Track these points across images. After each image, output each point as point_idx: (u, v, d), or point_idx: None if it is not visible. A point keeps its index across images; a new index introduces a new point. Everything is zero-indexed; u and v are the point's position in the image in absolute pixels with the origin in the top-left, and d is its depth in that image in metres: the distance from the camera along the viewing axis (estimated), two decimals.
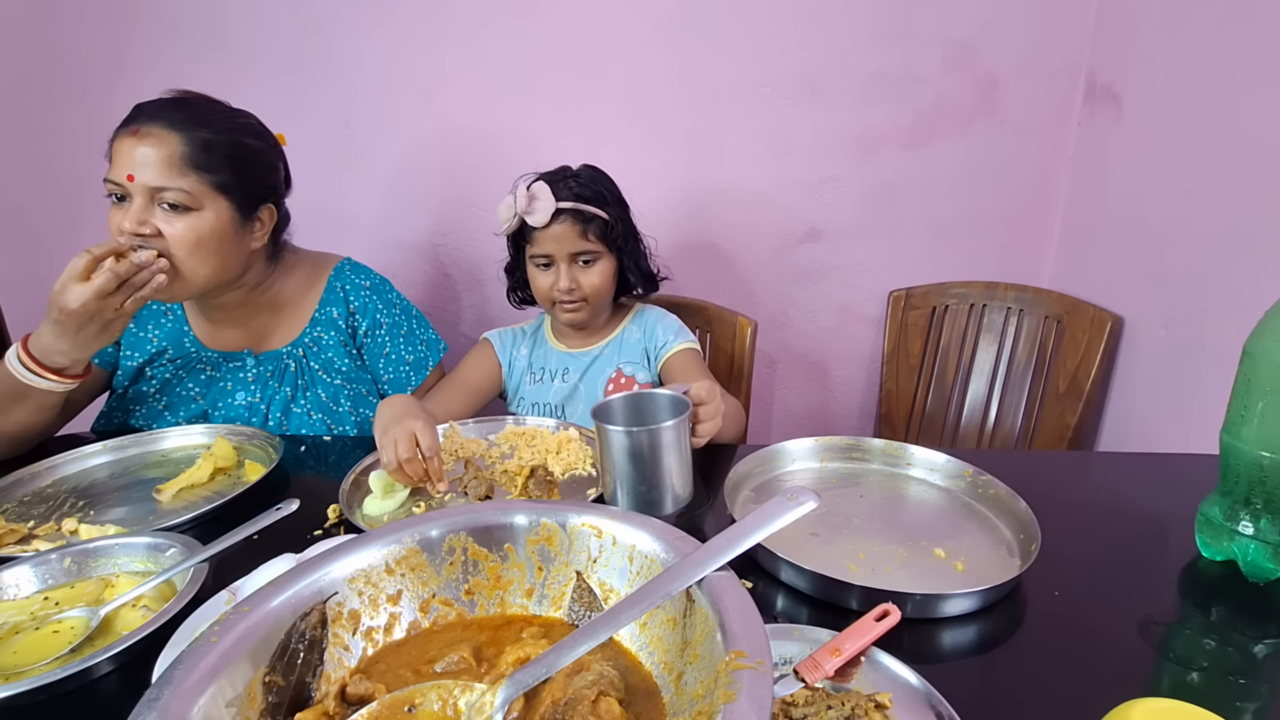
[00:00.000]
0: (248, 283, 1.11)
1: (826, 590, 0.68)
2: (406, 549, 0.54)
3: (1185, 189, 1.32)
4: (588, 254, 1.16)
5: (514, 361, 1.29)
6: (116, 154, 0.98)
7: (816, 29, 1.55)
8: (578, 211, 1.13)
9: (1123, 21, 1.49)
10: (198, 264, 1.01)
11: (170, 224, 0.98)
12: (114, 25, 1.53)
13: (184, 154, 0.98)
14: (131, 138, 0.97)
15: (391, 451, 0.86)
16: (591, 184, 1.16)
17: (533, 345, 1.30)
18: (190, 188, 0.98)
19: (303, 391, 1.15)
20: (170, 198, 0.97)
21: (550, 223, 1.12)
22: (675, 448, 0.76)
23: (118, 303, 0.92)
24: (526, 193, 1.11)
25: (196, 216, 1.00)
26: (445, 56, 1.57)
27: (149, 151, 0.96)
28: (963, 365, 1.73)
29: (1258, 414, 0.68)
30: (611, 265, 1.19)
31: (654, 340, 1.26)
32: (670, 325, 1.27)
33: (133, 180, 0.96)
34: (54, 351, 0.94)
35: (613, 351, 1.26)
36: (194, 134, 0.99)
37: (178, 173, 0.97)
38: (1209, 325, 1.28)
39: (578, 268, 1.16)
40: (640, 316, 1.30)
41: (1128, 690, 0.50)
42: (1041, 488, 0.84)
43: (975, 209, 1.69)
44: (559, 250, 1.14)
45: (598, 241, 1.15)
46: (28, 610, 0.67)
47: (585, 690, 0.44)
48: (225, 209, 1.02)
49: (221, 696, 0.41)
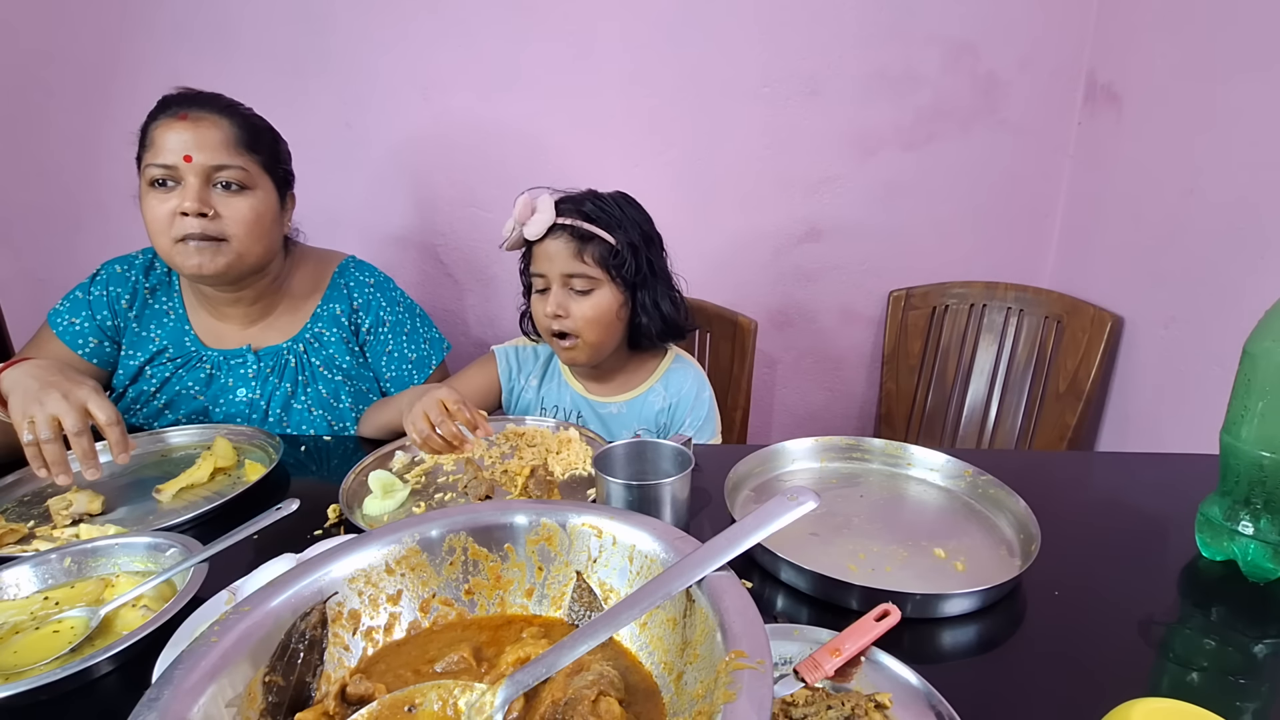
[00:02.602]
0: (271, 271, 1.13)
1: (826, 590, 0.68)
2: (406, 549, 0.54)
3: (1185, 189, 1.32)
4: (582, 279, 1.04)
5: (519, 391, 1.20)
6: (162, 139, 0.99)
7: (816, 29, 1.55)
8: (575, 228, 1.03)
9: (1123, 21, 1.49)
10: (254, 242, 1.04)
11: (228, 204, 1.02)
12: (114, 25, 1.53)
13: (237, 136, 1.02)
14: (181, 122, 0.99)
15: (423, 422, 0.87)
16: (607, 206, 1.06)
17: (544, 376, 1.20)
18: (247, 166, 1.02)
19: (303, 387, 1.15)
20: (230, 176, 1.01)
21: (545, 236, 1.04)
22: (675, 502, 0.77)
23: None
24: (529, 203, 1.04)
25: (252, 195, 1.04)
26: (445, 56, 1.57)
27: (206, 134, 0.99)
28: (963, 365, 1.73)
29: (1258, 414, 0.68)
30: (614, 299, 1.06)
31: (675, 418, 1.15)
32: (701, 412, 1.14)
33: (190, 161, 0.98)
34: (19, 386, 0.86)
35: (633, 413, 1.15)
36: (239, 118, 1.04)
37: (234, 153, 1.01)
38: (1209, 325, 1.28)
39: (571, 294, 1.05)
40: (671, 378, 1.17)
41: (1128, 690, 0.50)
42: (1041, 488, 0.84)
43: (975, 209, 1.70)
44: (551, 269, 1.05)
45: (595, 266, 1.04)
46: (28, 610, 0.67)
47: (585, 690, 0.44)
48: (272, 189, 1.07)
49: (221, 696, 0.41)
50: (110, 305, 1.11)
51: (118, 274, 1.13)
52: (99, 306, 1.11)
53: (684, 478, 0.77)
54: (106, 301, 1.11)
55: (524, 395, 1.21)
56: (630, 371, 1.18)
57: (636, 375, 1.18)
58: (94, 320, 1.10)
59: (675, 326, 1.13)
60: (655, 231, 1.12)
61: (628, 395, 1.16)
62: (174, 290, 1.15)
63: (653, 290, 1.10)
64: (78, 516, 0.86)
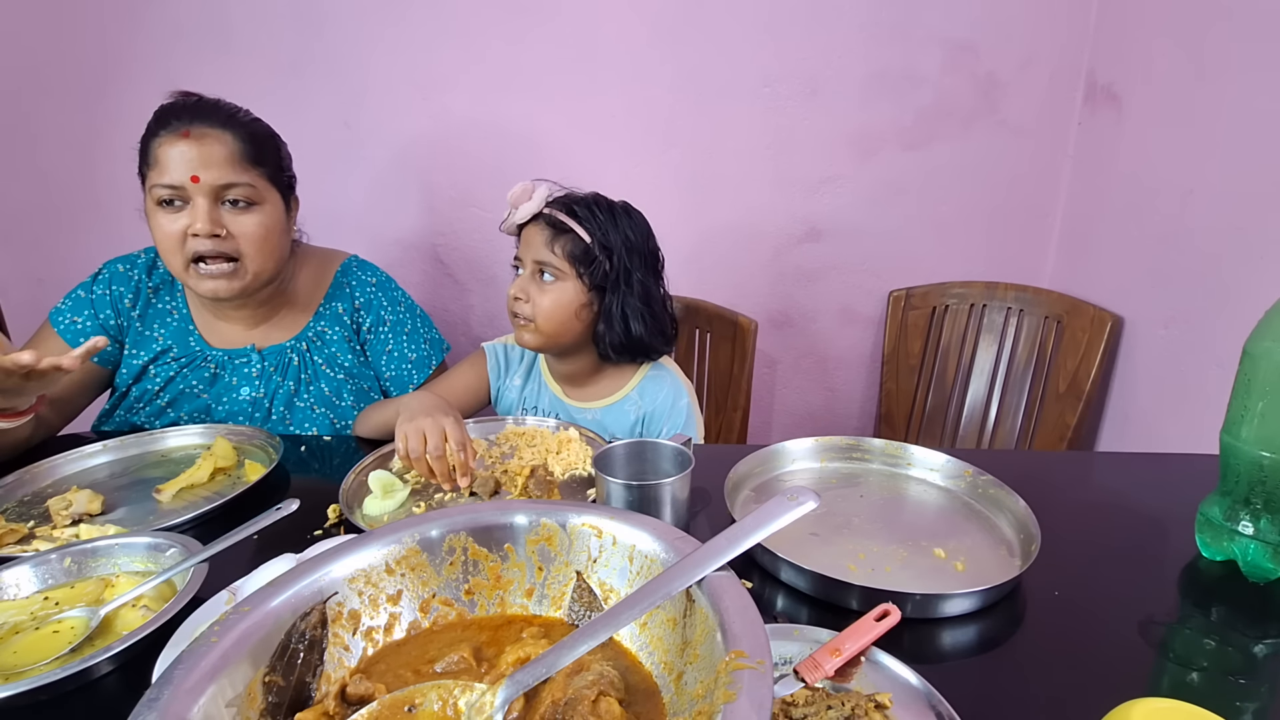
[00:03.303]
0: (278, 276, 1.12)
1: (826, 590, 0.68)
2: (406, 549, 0.54)
3: (1185, 189, 1.32)
4: (548, 269, 1.04)
5: (504, 390, 1.21)
6: (165, 158, 0.97)
7: (816, 29, 1.55)
8: (552, 218, 1.04)
9: (1123, 21, 1.49)
10: (266, 259, 1.04)
11: (238, 222, 1.00)
12: (113, 25, 1.53)
13: (241, 150, 1.00)
14: (184, 140, 0.97)
15: (418, 442, 0.86)
16: (595, 208, 1.06)
17: (526, 377, 1.21)
18: (254, 182, 1.01)
19: (305, 386, 1.15)
20: (238, 194, 0.99)
21: (530, 221, 1.06)
22: (675, 502, 0.77)
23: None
24: (526, 189, 1.06)
25: (261, 211, 1.02)
26: (445, 56, 1.57)
27: (212, 151, 0.97)
28: (963, 365, 1.73)
29: (1258, 414, 0.68)
30: (575, 296, 1.05)
31: (650, 430, 1.13)
32: (677, 421, 1.12)
33: (198, 181, 0.96)
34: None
35: (609, 421, 1.15)
36: (242, 130, 1.01)
37: (241, 169, 0.99)
38: (1209, 325, 1.28)
39: (536, 281, 1.06)
40: (646, 387, 1.15)
41: (1128, 690, 0.50)
42: (1041, 488, 0.84)
43: (975, 209, 1.69)
44: (527, 255, 1.06)
45: (564, 259, 1.04)
46: (28, 610, 0.67)
47: (585, 690, 0.44)
48: (278, 200, 1.06)
49: (221, 696, 0.41)
50: (113, 304, 1.11)
51: (120, 273, 1.13)
52: (102, 305, 1.11)
53: (684, 478, 0.77)
54: (109, 300, 1.11)
55: (507, 394, 1.21)
56: (608, 378, 1.16)
57: (614, 382, 1.16)
58: (96, 319, 1.10)
59: (638, 345, 1.10)
60: (649, 248, 1.10)
61: (604, 402, 1.15)
62: (177, 290, 1.15)
63: (622, 302, 1.07)
64: (78, 516, 0.86)
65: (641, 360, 1.15)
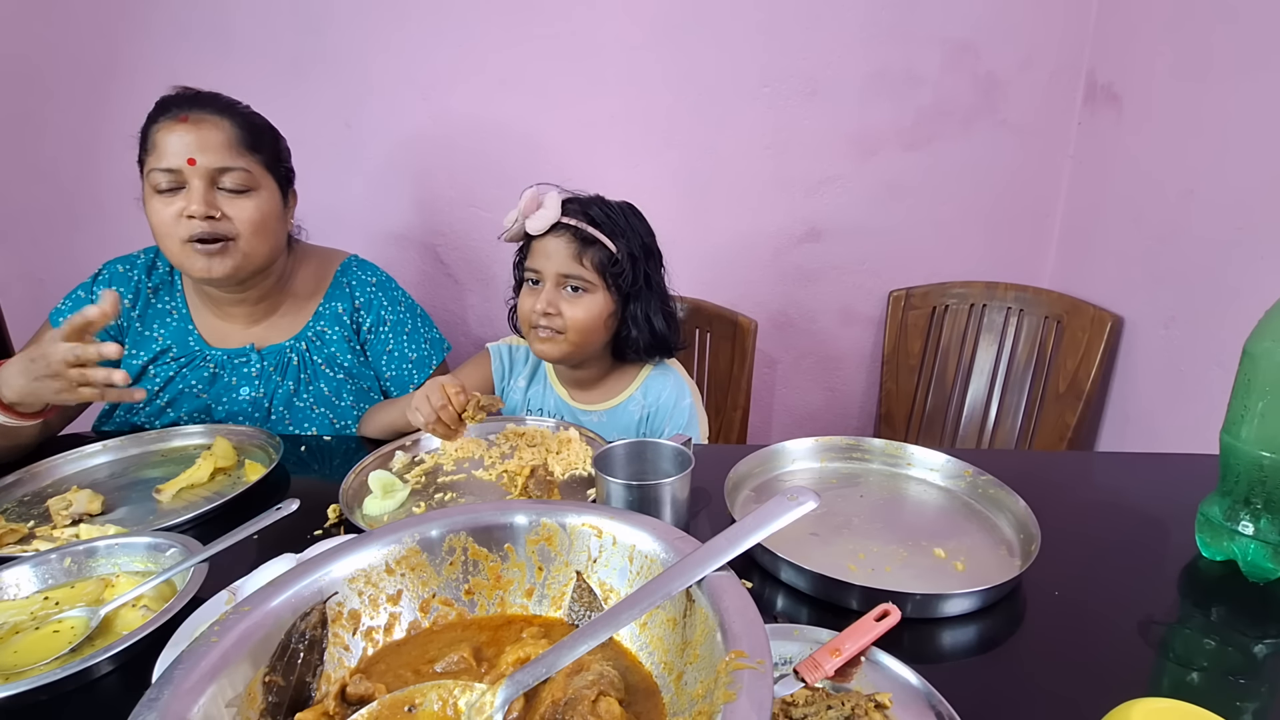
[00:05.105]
0: (275, 270, 1.13)
1: (826, 590, 0.68)
2: (406, 549, 0.54)
3: (1185, 189, 1.32)
4: (578, 281, 1.03)
5: (508, 391, 1.21)
6: (164, 142, 0.98)
7: (816, 29, 1.55)
8: (578, 230, 1.02)
9: (1123, 21, 1.49)
10: (260, 243, 1.04)
11: (234, 206, 1.01)
12: (114, 24, 1.53)
13: (239, 136, 1.02)
14: (182, 124, 0.98)
15: (426, 406, 0.90)
16: (612, 214, 1.05)
17: (531, 379, 1.20)
18: (250, 167, 1.02)
19: (305, 385, 1.15)
20: (234, 179, 1.01)
21: (547, 233, 1.03)
22: (675, 502, 0.77)
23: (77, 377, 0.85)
24: (535, 197, 1.03)
25: (257, 196, 1.03)
26: (446, 57, 1.57)
27: (208, 135, 0.99)
28: (963, 365, 1.73)
29: (1258, 414, 0.68)
30: (605, 305, 1.05)
31: (654, 428, 1.14)
32: (680, 420, 1.12)
33: (194, 164, 0.98)
34: (7, 385, 0.88)
35: (614, 422, 1.14)
36: (240, 118, 1.03)
37: (237, 154, 1.01)
38: (1209, 325, 1.28)
39: (565, 294, 1.04)
40: (650, 386, 1.15)
41: (1128, 690, 0.50)
42: (1041, 488, 0.84)
43: (975, 209, 1.69)
44: (548, 267, 1.04)
45: (593, 271, 1.03)
46: (28, 610, 0.67)
47: (585, 690, 0.44)
48: (274, 188, 1.07)
49: (221, 696, 0.41)
50: None
51: (120, 273, 1.13)
52: None
53: (684, 478, 0.77)
54: None
55: (511, 396, 1.20)
56: (614, 380, 1.17)
57: (619, 383, 1.17)
58: None
59: (663, 342, 1.12)
60: (656, 247, 1.11)
61: (609, 403, 1.15)
62: (176, 290, 1.15)
63: (645, 304, 1.09)
64: (78, 516, 0.86)
65: (664, 356, 1.17)
